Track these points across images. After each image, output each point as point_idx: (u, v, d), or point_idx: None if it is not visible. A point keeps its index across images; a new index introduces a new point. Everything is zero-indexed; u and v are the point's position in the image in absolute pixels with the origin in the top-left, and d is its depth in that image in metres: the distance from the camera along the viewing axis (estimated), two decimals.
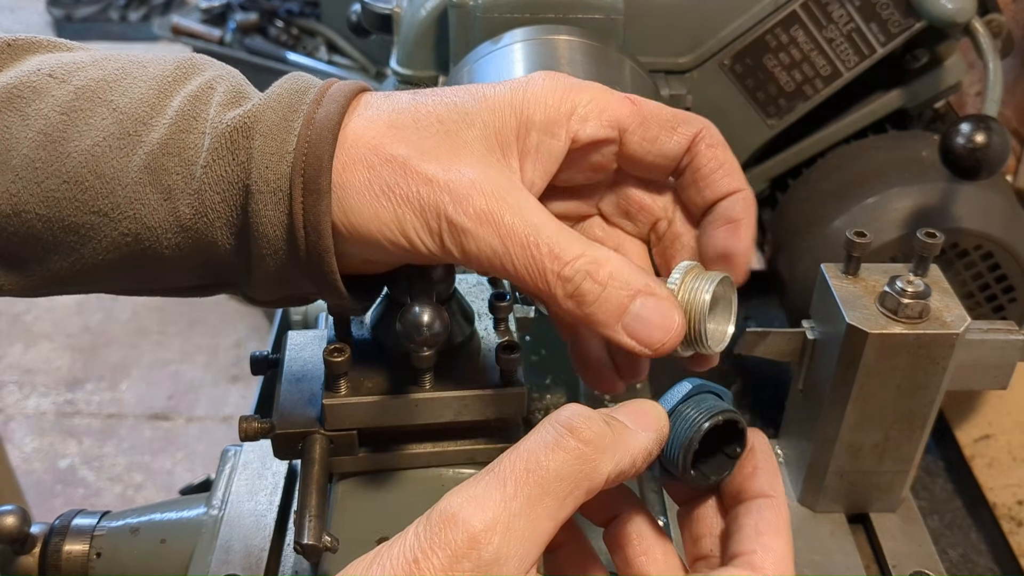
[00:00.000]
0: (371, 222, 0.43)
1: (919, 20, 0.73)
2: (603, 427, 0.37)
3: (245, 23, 2.76)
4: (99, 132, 0.43)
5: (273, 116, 0.43)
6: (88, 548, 0.65)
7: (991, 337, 0.63)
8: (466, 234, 0.42)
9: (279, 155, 0.43)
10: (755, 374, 0.88)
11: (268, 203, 0.43)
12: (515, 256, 0.41)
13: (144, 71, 0.46)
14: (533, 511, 0.35)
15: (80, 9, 4.01)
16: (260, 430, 0.55)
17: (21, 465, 2.19)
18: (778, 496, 0.41)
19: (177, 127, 0.44)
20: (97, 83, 0.45)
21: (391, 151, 0.43)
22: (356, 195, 0.43)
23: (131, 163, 0.43)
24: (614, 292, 0.41)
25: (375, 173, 0.43)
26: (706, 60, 0.77)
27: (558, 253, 0.41)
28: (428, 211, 0.42)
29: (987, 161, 0.64)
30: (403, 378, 0.53)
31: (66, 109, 0.44)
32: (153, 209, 0.44)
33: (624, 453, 0.38)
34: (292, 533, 0.64)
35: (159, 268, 0.46)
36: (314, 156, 0.42)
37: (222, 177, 0.43)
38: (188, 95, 0.45)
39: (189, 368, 2.52)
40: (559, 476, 0.35)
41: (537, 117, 0.44)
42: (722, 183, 0.46)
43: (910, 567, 0.64)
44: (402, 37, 0.79)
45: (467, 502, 0.35)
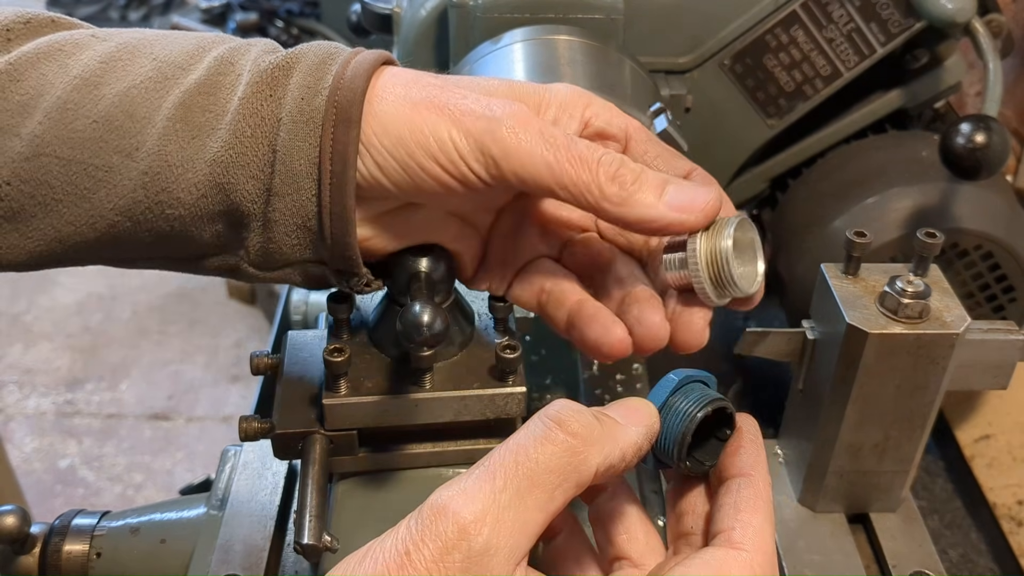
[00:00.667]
0: (408, 132, 0.44)
1: (919, 20, 0.73)
2: (592, 421, 0.38)
3: (245, 23, 2.76)
4: (137, 76, 0.44)
5: (313, 57, 0.45)
6: (88, 548, 0.65)
7: (991, 337, 0.63)
8: (519, 148, 0.43)
9: (315, 89, 0.44)
10: (755, 374, 0.88)
11: (299, 134, 0.43)
12: (560, 164, 0.43)
13: (185, 36, 0.47)
14: (522, 503, 0.35)
15: (80, 8, 4.01)
16: (260, 430, 0.55)
17: (21, 465, 2.19)
18: (757, 474, 0.42)
19: (215, 70, 0.45)
20: (139, 41, 0.46)
21: (424, 95, 0.44)
22: (394, 109, 0.44)
23: (165, 102, 0.44)
24: (650, 174, 0.44)
25: (411, 92, 0.44)
26: (706, 60, 0.77)
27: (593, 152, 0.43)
28: (468, 117, 0.43)
29: (987, 161, 0.64)
30: (403, 378, 0.53)
31: (106, 59, 0.45)
32: (180, 146, 0.44)
33: (613, 447, 0.38)
34: (292, 533, 0.64)
35: (167, 222, 0.46)
36: (348, 89, 0.43)
37: (256, 111, 0.44)
38: (228, 47, 0.46)
39: (189, 368, 2.52)
40: (548, 468, 0.36)
41: (555, 100, 0.47)
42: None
43: (910, 567, 0.64)
44: (402, 37, 0.79)
45: (457, 495, 0.35)
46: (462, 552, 0.34)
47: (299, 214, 0.45)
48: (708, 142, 0.79)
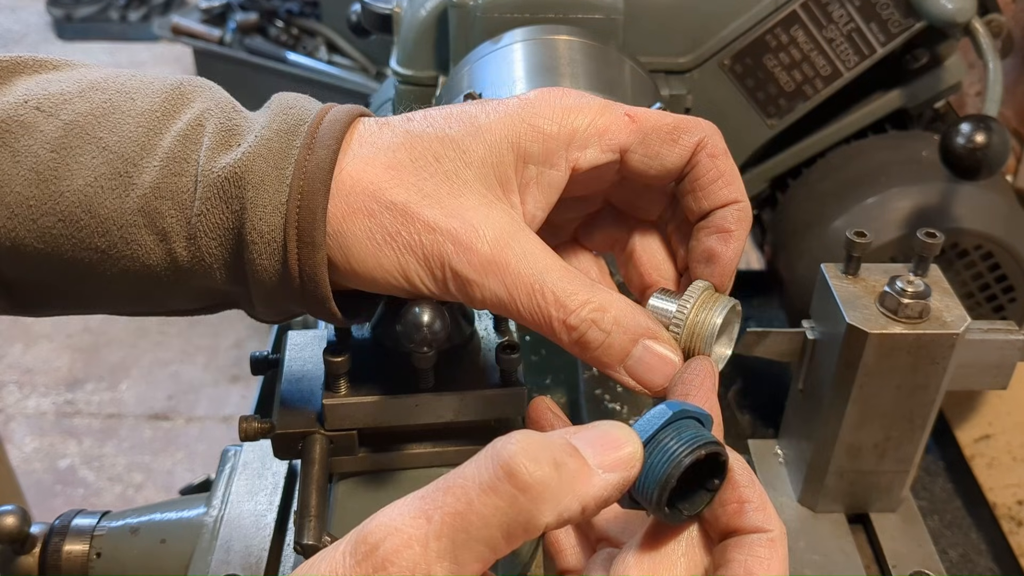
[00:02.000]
0: (375, 269, 0.43)
1: (919, 20, 0.73)
2: (549, 472, 0.32)
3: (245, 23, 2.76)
4: (90, 172, 0.43)
5: (263, 165, 0.43)
6: (88, 548, 0.65)
7: (991, 337, 0.63)
8: (470, 284, 0.42)
9: (272, 207, 0.43)
10: (755, 374, 0.88)
11: (263, 253, 0.43)
12: (520, 304, 0.42)
13: (132, 104, 0.45)
14: (458, 555, 0.32)
15: (80, 9, 4.01)
16: (260, 430, 0.55)
17: (21, 465, 2.19)
18: (774, 530, 0.37)
19: (168, 170, 0.43)
20: (85, 118, 0.44)
21: (391, 197, 0.42)
22: (358, 243, 0.43)
23: (125, 204, 0.43)
24: (617, 339, 0.42)
25: (376, 221, 0.43)
26: (706, 60, 0.77)
27: (564, 301, 0.41)
28: (432, 260, 0.42)
29: (987, 161, 0.64)
30: (403, 378, 0.53)
31: (56, 147, 0.44)
32: (150, 250, 0.44)
33: (572, 501, 0.33)
34: (292, 533, 0.64)
35: (161, 298, 0.47)
36: (307, 209, 0.42)
37: (217, 224, 0.43)
38: (177, 135, 0.44)
39: (189, 368, 2.52)
40: (489, 523, 0.32)
41: (535, 149, 0.44)
42: (720, 194, 0.45)
43: (910, 567, 0.64)
44: (402, 37, 0.79)
45: (391, 534, 0.32)
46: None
47: (279, 305, 0.46)
48: None
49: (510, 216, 0.43)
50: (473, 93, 0.63)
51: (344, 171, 0.43)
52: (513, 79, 0.65)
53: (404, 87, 0.79)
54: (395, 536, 0.32)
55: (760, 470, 0.72)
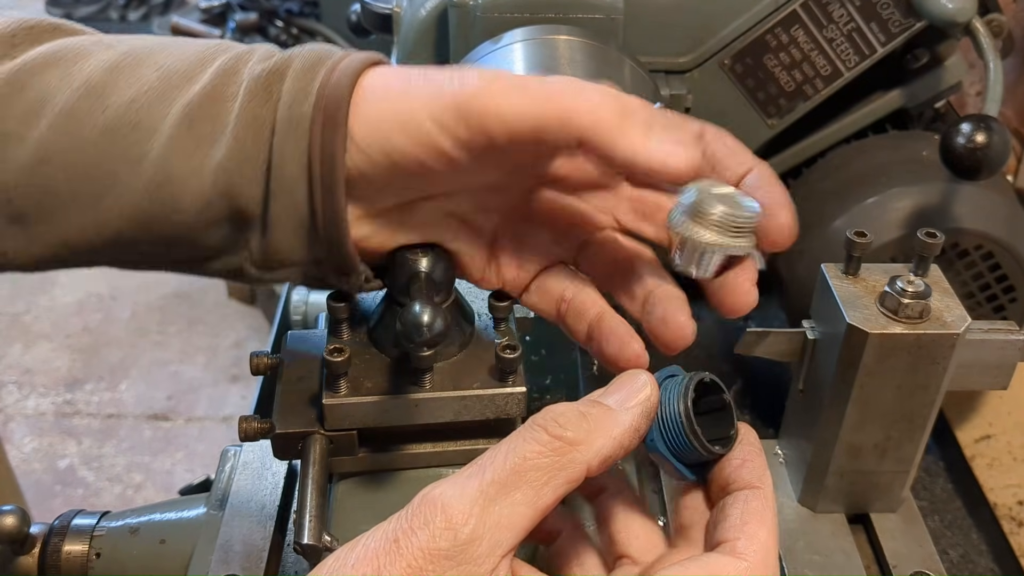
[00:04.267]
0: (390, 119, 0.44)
1: (919, 20, 0.73)
2: (579, 421, 0.39)
3: (245, 23, 2.76)
4: (142, 86, 0.45)
5: (303, 61, 0.46)
6: (88, 548, 0.65)
7: (991, 337, 0.63)
8: (501, 109, 0.42)
9: (305, 92, 0.44)
10: (755, 374, 0.88)
11: (289, 138, 0.44)
12: (547, 110, 0.42)
13: (185, 45, 0.48)
14: (509, 497, 0.36)
15: (80, 8, 4.00)
16: (260, 430, 0.55)
17: (20, 465, 2.19)
18: (765, 487, 0.42)
19: (219, 79, 0.45)
20: (144, 48, 0.47)
21: (411, 71, 0.45)
22: (377, 103, 0.44)
23: (170, 112, 0.44)
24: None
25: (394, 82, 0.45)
26: (706, 60, 0.77)
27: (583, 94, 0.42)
28: (460, 97, 0.42)
29: (988, 161, 0.64)
30: (403, 378, 0.53)
31: (111, 67, 0.45)
32: (186, 156, 0.44)
33: (606, 439, 0.39)
34: (292, 533, 0.64)
35: (173, 228, 0.46)
36: (335, 92, 0.44)
37: (255, 117, 0.45)
38: (231, 56, 0.47)
39: (189, 368, 2.52)
40: (535, 466, 0.37)
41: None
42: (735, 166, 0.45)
43: (911, 567, 0.64)
44: (402, 37, 0.79)
45: (448, 487, 0.37)
46: (448, 541, 0.35)
47: (294, 216, 0.45)
48: None
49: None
50: None
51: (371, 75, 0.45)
52: None
53: None
54: (451, 489, 0.37)
55: None
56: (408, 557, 0.35)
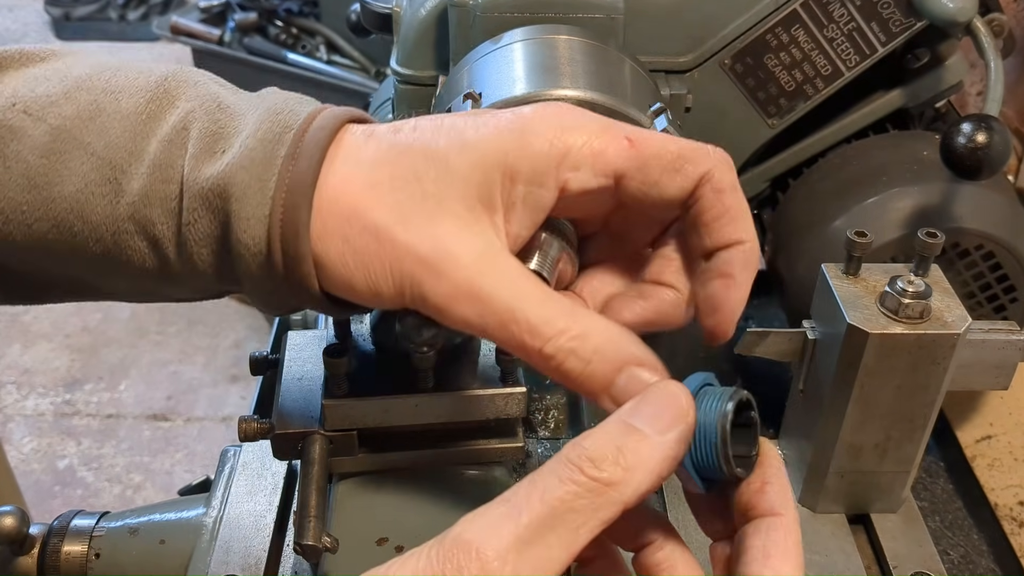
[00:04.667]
0: (348, 289, 0.43)
1: (920, 19, 0.73)
2: (616, 459, 0.36)
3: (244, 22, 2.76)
4: (80, 178, 0.43)
5: (246, 177, 0.42)
6: (87, 549, 0.65)
7: (992, 337, 0.62)
8: (442, 310, 0.41)
9: (256, 219, 0.42)
10: (755, 374, 0.88)
11: (251, 263, 0.43)
12: (494, 331, 0.41)
13: (117, 105, 0.45)
14: (546, 540, 0.34)
15: (78, 8, 4.00)
16: (260, 430, 0.55)
17: (20, 466, 2.19)
18: (788, 514, 0.40)
19: (155, 177, 0.43)
20: (72, 121, 0.44)
21: (365, 220, 0.42)
22: (331, 264, 0.42)
23: (116, 211, 0.43)
24: (599, 367, 0.40)
25: (349, 245, 0.42)
26: (706, 60, 0.77)
27: (539, 330, 0.40)
28: (404, 285, 0.41)
29: (988, 161, 0.64)
30: (403, 378, 0.53)
31: (45, 152, 0.43)
32: (144, 255, 0.44)
33: (644, 475, 0.36)
34: (292, 533, 0.64)
35: (159, 293, 0.47)
36: (290, 223, 0.42)
37: (206, 234, 0.43)
38: (163, 140, 0.44)
39: (188, 368, 2.52)
40: (572, 508, 0.35)
41: (523, 167, 0.42)
42: (724, 232, 0.43)
43: (911, 567, 0.64)
44: (402, 37, 0.79)
45: (481, 530, 0.35)
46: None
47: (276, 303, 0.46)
48: (708, 142, 0.79)
49: (488, 240, 0.42)
50: (473, 93, 0.63)
51: (324, 189, 0.42)
52: (513, 79, 0.65)
53: (404, 87, 0.79)
54: (485, 531, 0.34)
55: None
56: None
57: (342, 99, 2.57)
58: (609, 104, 0.62)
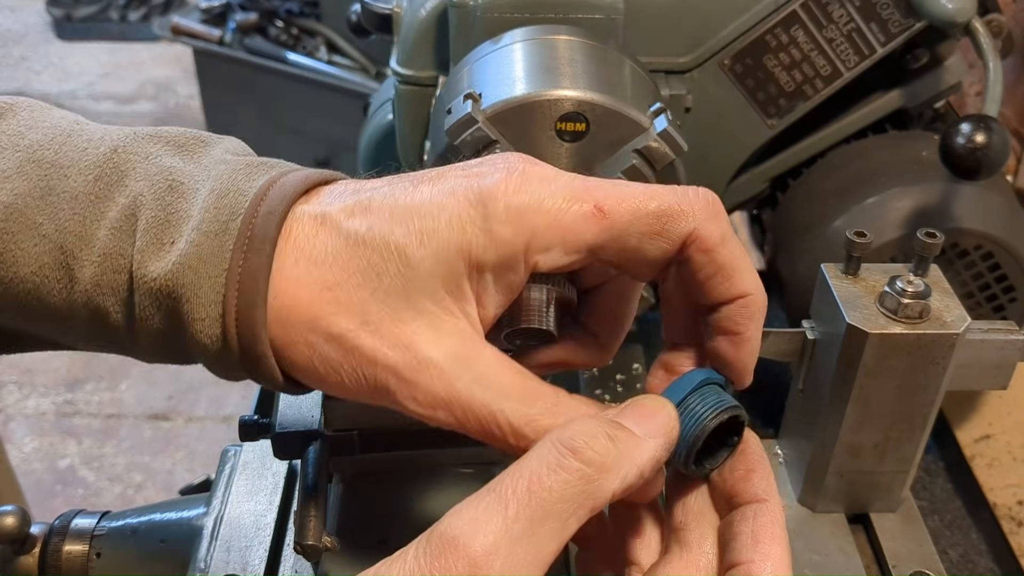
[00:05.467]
0: (320, 387, 0.42)
1: (919, 20, 0.73)
2: (606, 444, 0.36)
3: (245, 23, 2.76)
4: (34, 260, 0.42)
5: (194, 277, 0.40)
6: (88, 548, 0.65)
7: (991, 337, 0.63)
8: (419, 416, 0.40)
9: (210, 319, 0.40)
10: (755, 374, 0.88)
11: (210, 359, 0.42)
12: (474, 432, 0.40)
13: (66, 183, 0.43)
14: (535, 533, 0.34)
15: (80, 9, 4.01)
16: (260, 430, 0.55)
17: (21, 465, 2.19)
18: (772, 500, 0.40)
19: (106, 266, 0.42)
20: (23, 199, 0.43)
21: (328, 327, 0.40)
22: (301, 369, 0.41)
23: (72, 298, 0.42)
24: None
25: (316, 352, 0.40)
26: (706, 60, 0.77)
27: (522, 431, 0.39)
28: (377, 392, 0.40)
29: (987, 161, 0.64)
30: None
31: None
32: (104, 336, 0.44)
33: (630, 467, 0.36)
34: (292, 533, 0.64)
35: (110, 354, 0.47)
36: (246, 323, 0.40)
37: (161, 332, 0.42)
38: (112, 228, 0.42)
39: (189, 368, 2.50)
40: (562, 497, 0.34)
41: (488, 257, 0.40)
42: (721, 290, 0.41)
43: (910, 567, 0.64)
44: (402, 37, 0.79)
45: (468, 524, 0.34)
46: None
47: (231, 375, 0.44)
48: (708, 142, 0.79)
49: (461, 335, 0.40)
50: (473, 93, 0.63)
51: (279, 293, 0.40)
52: (513, 79, 0.65)
53: (404, 87, 0.79)
54: (472, 526, 0.34)
55: None
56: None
57: (342, 99, 2.57)
58: (609, 104, 0.62)
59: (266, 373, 0.41)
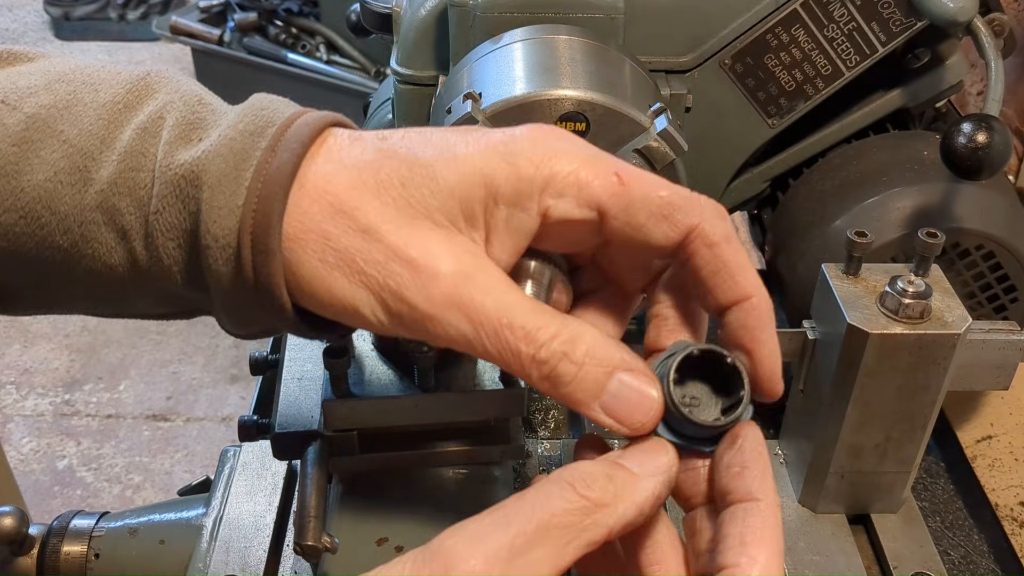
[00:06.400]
0: (324, 295, 0.41)
1: (920, 19, 0.73)
2: (605, 484, 0.37)
3: (244, 22, 2.76)
4: (50, 166, 0.42)
5: (222, 165, 0.41)
6: (86, 549, 0.65)
7: (992, 337, 0.62)
8: (430, 319, 0.39)
9: (227, 209, 0.40)
10: None
11: (218, 258, 0.41)
12: (487, 340, 0.39)
13: (95, 96, 0.44)
14: (532, 554, 0.35)
15: (78, 8, 4.00)
16: (260, 430, 0.55)
17: (19, 466, 2.19)
18: (766, 499, 0.39)
19: (126, 164, 0.42)
20: (48, 111, 0.43)
21: (348, 220, 0.40)
22: (308, 265, 0.41)
23: (84, 200, 0.42)
24: (591, 371, 0.39)
25: (330, 244, 0.40)
26: (706, 60, 0.77)
27: (533, 335, 0.39)
28: (386, 291, 0.40)
29: (989, 160, 0.63)
30: (403, 378, 0.53)
31: (17, 140, 0.42)
32: (110, 248, 0.43)
33: (629, 505, 0.37)
34: (292, 533, 0.64)
35: (125, 300, 0.46)
36: (263, 214, 0.40)
37: (174, 225, 0.42)
38: (137, 127, 0.43)
39: (188, 368, 2.52)
40: (561, 524, 0.36)
41: (507, 188, 0.40)
42: (726, 288, 0.41)
43: (911, 568, 0.64)
44: (402, 36, 0.79)
45: (467, 539, 0.35)
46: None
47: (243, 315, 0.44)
48: (708, 142, 0.79)
49: (473, 249, 0.41)
50: (473, 93, 0.63)
51: (305, 185, 0.41)
52: (513, 79, 0.65)
53: (404, 87, 0.79)
54: (469, 541, 0.35)
55: None
56: None
57: (342, 99, 2.57)
58: (609, 104, 0.62)
59: (271, 278, 0.41)
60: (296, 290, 0.41)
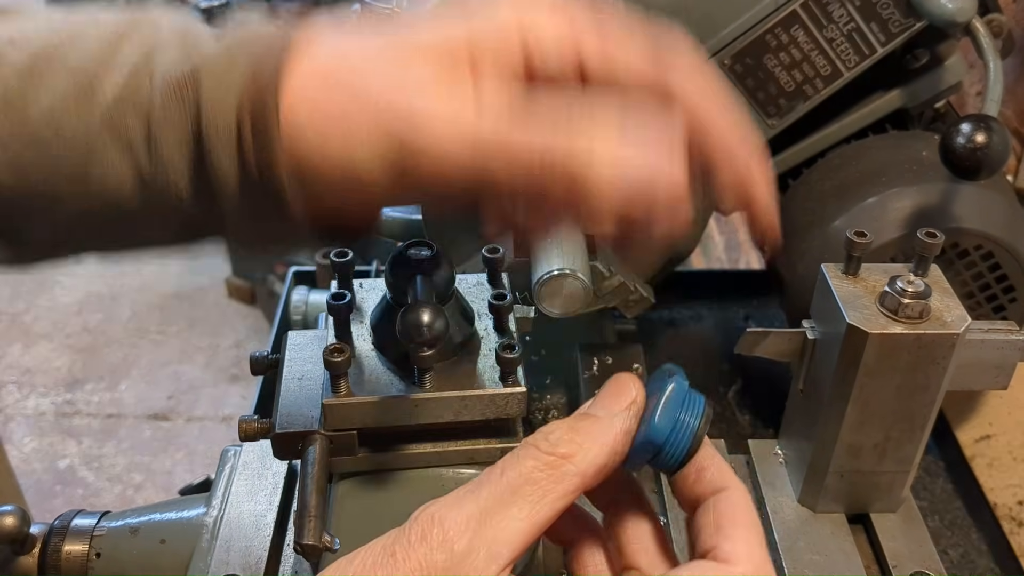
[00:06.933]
0: (320, 160, 0.41)
1: (919, 20, 0.73)
2: (570, 436, 0.40)
3: None
4: (56, 92, 0.43)
5: (220, 60, 0.42)
6: (88, 548, 0.65)
7: (992, 337, 0.63)
8: (445, 157, 0.39)
9: (225, 100, 0.41)
10: (755, 374, 0.88)
11: (221, 153, 0.41)
12: (495, 162, 0.39)
13: (98, 28, 0.45)
14: (506, 513, 0.37)
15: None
16: (260, 430, 0.55)
17: (20, 465, 2.19)
18: (731, 486, 0.41)
19: (130, 79, 0.43)
20: (53, 46, 0.44)
21: (340, 75, 0.41)
22: (304, 128, 0.41)
23: (91, 120, 0.43)
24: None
25: (325, 96, 0.41)
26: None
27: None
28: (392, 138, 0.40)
29: (988, 161, 0.64)
30: (403, 378, 0.53)
31: (23, 73, 0.43)
32: (117, 167, 0.43)
33: (599, 448, 0.40)
34: (292, 533, 0.64)
35: (132, 226, 0.46)
36: (259, 96, 0.41)
37: (176, 127, 0.42)
38: (138, 44, 0.43)
39: (189, 368, 2.52)
40: (530, 480, 0.38)
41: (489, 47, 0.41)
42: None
43: (911, 567, 0.64)
44: None
45: (444, 504, 0.38)
46: (445, 553, 0.36)
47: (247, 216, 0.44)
48: None
49: (467, 95, 0.40)
50: None
51: (308, 48, 0.42)
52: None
53: None
54: (447, 505, 0.38)
55: (760, 470, 0.72)
56: (405, 570, 0.36)
57: None
58: None
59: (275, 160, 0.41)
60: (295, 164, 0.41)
